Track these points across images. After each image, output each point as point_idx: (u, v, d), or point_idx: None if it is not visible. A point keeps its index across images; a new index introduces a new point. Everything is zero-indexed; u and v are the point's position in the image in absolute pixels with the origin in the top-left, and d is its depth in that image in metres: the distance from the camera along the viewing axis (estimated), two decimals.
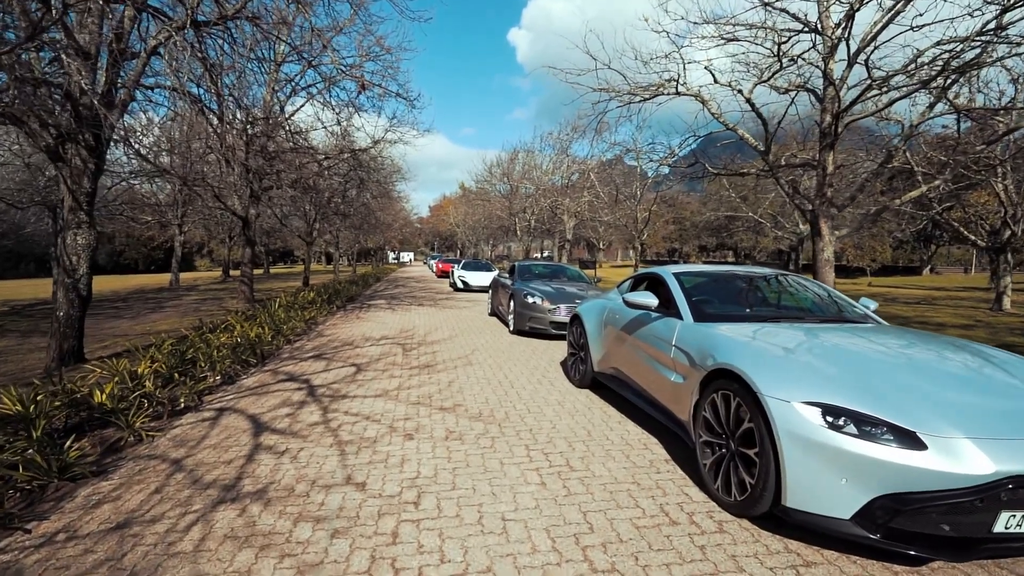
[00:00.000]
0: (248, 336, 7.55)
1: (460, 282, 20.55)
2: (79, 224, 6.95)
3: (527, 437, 3.88)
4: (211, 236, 39.81)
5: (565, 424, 4.19)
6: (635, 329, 4.11)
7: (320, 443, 3.79)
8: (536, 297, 8.63)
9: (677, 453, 3.57)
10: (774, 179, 10.99)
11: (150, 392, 4.90)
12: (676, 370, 3.42)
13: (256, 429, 4.13)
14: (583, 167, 25.80)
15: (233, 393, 5.34)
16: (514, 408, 4.63)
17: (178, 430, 4.22)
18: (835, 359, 2.68)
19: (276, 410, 4.63)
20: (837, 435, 2.23)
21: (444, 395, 5.10)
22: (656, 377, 3.68)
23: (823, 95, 9.94)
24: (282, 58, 14.29)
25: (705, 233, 50.72)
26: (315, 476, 3.21)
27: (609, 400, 4.93)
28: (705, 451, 2.97)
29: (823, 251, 10.02)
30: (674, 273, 4.17)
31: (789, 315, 3.73)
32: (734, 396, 2.70)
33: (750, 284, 4.27)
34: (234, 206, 15.18)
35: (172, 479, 3.22)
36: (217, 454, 3.62)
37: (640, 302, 3.82)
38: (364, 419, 4.35)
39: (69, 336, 6.90)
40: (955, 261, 60.00)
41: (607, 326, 4.77)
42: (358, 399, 4.95)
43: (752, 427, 2.53)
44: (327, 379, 5.75)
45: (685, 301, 3.72)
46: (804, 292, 4.19)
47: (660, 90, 11.72)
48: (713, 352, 2.97)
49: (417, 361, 6.73)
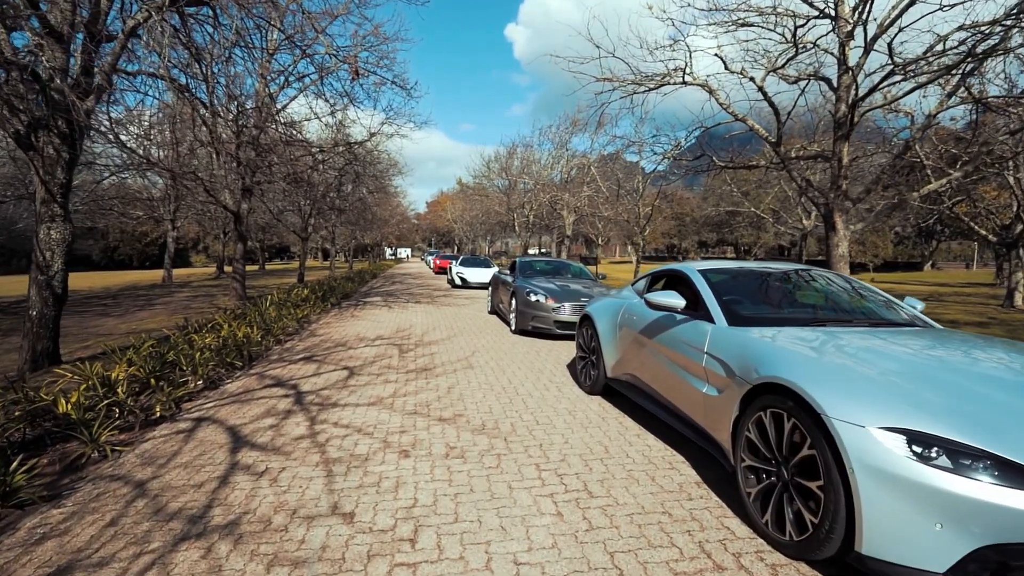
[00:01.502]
0: (236, 336, 7.13)
1: (458, 279, 20.12)
2: (53, 217, 6.50)
3: (537, 454, 3.47)
4: (206, 231, 39.30)
5: (578, 438, 3.78)
6: (657, 333, 3.69)
7: (305, 461, 3.37)
8: (539, 295, 8.20)
9: (709, 474, 3.16)
10: (786, 172, 10.57)
11: (122, 400, 4.47)
12: (709, 381, 3.01)
13: (235, 444, 3.71)
14: (583, 161, 25.32)
15: (215, 400, 4.91)
16: (521, 419, 4.21)
17: (149, 444, 3.80)
18: (909, 372, 2.26)
19: (259, 421, 4.21)
20: (927, 469, 1.82)
21: (443, 403, 4.68)
22: (683, 387, 3.27)
23: (838, 83, 9.51)
24: (274, 47, 13.80)
25: (705, 229, 50.38)
26: (296, 504, 2.79)
27: (624, 409, 4.52)
28: (749, 477, 2.56)
29: (838, 246, 9.61)
30: (700, 270, 3.75)
31: (834, 318, 3.30)
32: (788, 416, 2.28)
33: (782, 281, 3.85)
34: (225, 200, 14.70)
35: (132, 507, 2.80)
36: (188, 475, 3.20)
37: (665, 303, 3.40)
38: (355, 432, 3.93)
39: (43, 337, 6.45)
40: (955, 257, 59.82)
41: (622, 328, 4.36)
42: (349, 408, 4.52)
43: (813, 455, 2.12)
44: (317, 384, 5.33)
45: (716, 302, 3.30)
46: (841, 290, 3.77)
47: (666, 79, 11.29)
48: (758, 362, 2.56)
49: (414, 364, 6.31)
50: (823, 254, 10.77)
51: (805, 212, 26.08)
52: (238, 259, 14.10)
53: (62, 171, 6.42)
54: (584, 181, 25.65)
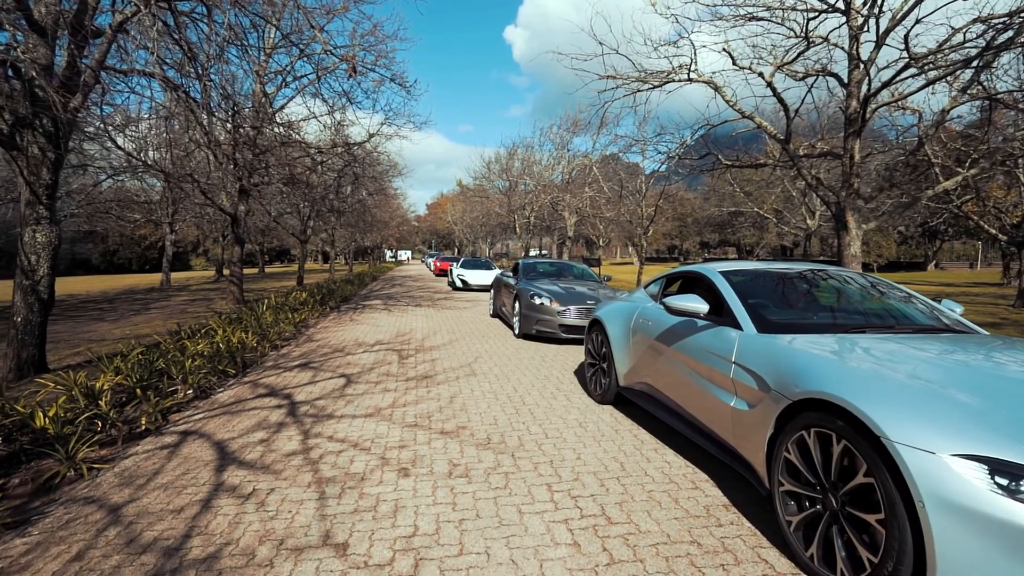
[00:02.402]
0: (230, 342, 6.87)
1: (459, 281, 19.85)
2: (38, 220, 6.26)
3: (548, 473, 3.20)
4: (205, 235, 39.04)
5: (591, 453, 3.51)
6: (676, 340, 3.42)
7: (296, 482, 3.10)
8: (544, 298, 7.93)
9: (737, 496, 2.89)
10: (795, 170, 10.31)
11: (104, 413, 4.21)
12: (737, 394, 2.74)
13: (221, 461, 3.44)
14: (585, 162, 25.06)
15: (204, 411, 4.65)
16: (528, 432, 3.94)
17: (130, 461, 3.53)
18: (978, 388, 1.98)
19: (249, 434, 3.94)
20: (1016, 505, 1.55)
21: (445, 414, 4.41)
22: (707, 400, 3.00)
23: (848, 79, 9.26)
24: (272, 47, 13.59)
25: (707, 229, 50.14)
26: (284, 533, 2.52)
27: (638, 420, 4.24)
28: (788, 504, 2.29)
29: (849, 246, 9.34)
30: (721, 272, 3.48)
31: (873, 323, 3.03)
32: (838, 437, 2.01)
33: (809, 283, 3.58)
34: (222, 203, 14.45)
35: (103, 537, 2.53)
36: (168, 498, 2.93)
37: (687, 307, 3.13)
38: (351, 447, 3.66)
39: (28, 344, 6.20)
40: (958, 257, 59.51)
41: (636, 334, 4.09)
42: (345, 420, 4.26)
43: (871, 483, 1.85)
44: (312, 394, 5.06)
45: (742, 307, 3.03)
46: (873, 292, 3.50)
47: (671, 76, 11.05)
48: (798, 375, 2.29)
49: (414, 371, 6.04)
50: (824, 254, 10.47)
51: (809, 212, 25.79)
52: (235, 262, 13.85)
53: (48, 172, 6.17)
54: (586, 182, 25.39)
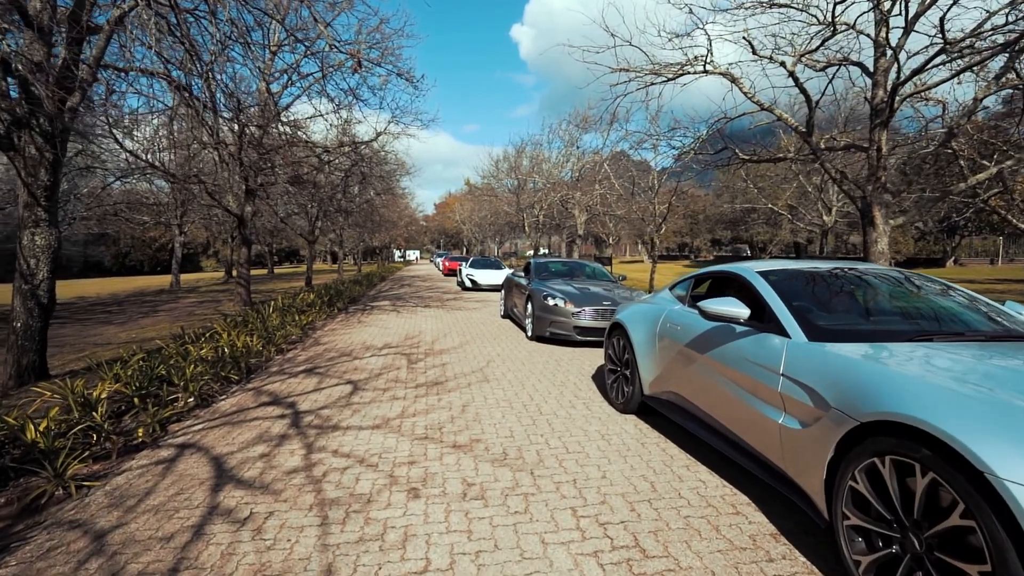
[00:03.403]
0: (234, 347, 6.66)
1: (468, 281, 19.60)
2: (37, 222, 6.07)
3: (571, 494, 2.91)
4: (215, 236, 39.18)
5: (617, 471, 3.22)
6: (711, 347, 3.12)
7: (296, 504, 2.85)
8: (557, 299, 7.64)
9: (786, 523, 2.59)
10: (818, 164, 9.92)
11: (99, 424, 3.99)
12: (786, 410, 2.43)
13: (218, 479, 3.20)
14: (596, 159, 24.70)
15: (204, 421, 4.42)
16: (547, 445, 3.66)
17: (122, 478, 3.30)
18: None
19: (249, 448, 3.70)
20: None
21: (457, 425, 4.14)
22: (749, 415, 2.70)
23: (874, 67, 8.86)
24: (277, 45, 13.41)
25: (720, 226, 49.50)
26: (281, 567, 2.26)
27: (665, 432, 3.95)
28: (855, 541, 1.99)
29: (877, 242, 8.95)
30: (759, 272, 3.17)
31: (940, 329, 2.70)
32: (923, 469, 1.71)
33: (855, 283, 3.25)
34: (228, 204, 14.31)
35: (84, 570, 2.29)
36: (158, 522, 2.69)
37: (725, 312, 2.83)
38: (357, 463, 3.40)
39: (28, 350, 6.02)
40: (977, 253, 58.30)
41: (663, 339, 3.79)
42: (351, 432, 4.00)
43: (971, 527, 1.55)
44: (317, 402, 4.81)
45: (788, 311, 2.72)
46: (929, 293, 3.15)
47: (685, 69, 10.70)
48: (866, 392, 1.98)
49: (424, 377, 5.78)
50: (839, 251, 10.05)
51: (825, 208, 25.23)
52: (242, 264, 13.70)
53: (46, 173, 5.98)
54: (596, 179, 25.02)
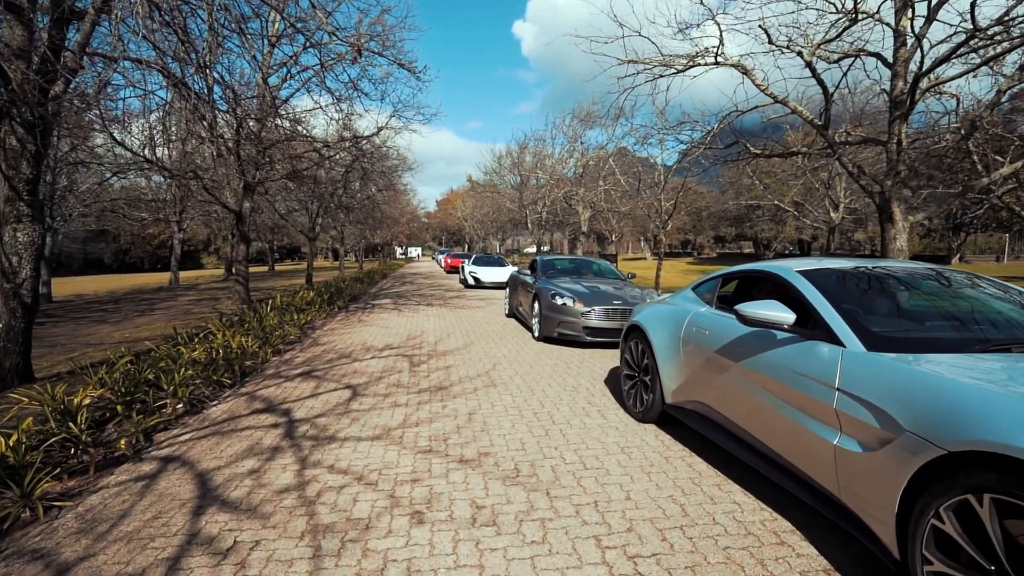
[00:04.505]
0: (229, 348, 6.37)
1: (471, 278, 19.29)
2: (19, 218, 5.77)
3: (594, 519, 2.61)
4: (216, 233, 38.91)
5: (642, 491, 2.91)
6: (747, 354, 2.81)
7: (286, 531, 2.55)
8: (566, 298, 7.32)
9: (840, 556, 2.28)
10: (836, 158, 9.58)
11: (77, 435, 3.70)
12: (843, 430, 2.13)
13: (201, 500, 2.90)
14: (601, 154, 24.34)
15: (193, 430, 4.13)
16: (563, 460, 3.36)
17: (96, 498, 3.01)
18: None
19: (238, 463, 3.40)
20: None
21: (464, 436, 3.83)
22: (794, 433, 2.39)
23: (894, 58, 8.52)
24: (276, 35, 13.08)
25: (723, 223, 49.15)
26: None
27: (689, 443, 3.64)
28: None
29: (895, 239, 8.63)
30: (800, 271, 2.85)
31: (1020, 337, 2.38)
32: None
33: (909, 285, 2.94)
34: (226, 200, 14.02)
35: None
36: (129, 553, 2.39)
37: (768, 317, 2.51)
38: (354, 480, 3.10)
39: (11, 352, 5.74)
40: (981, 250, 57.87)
41: (688, 344, 3.48)
42: (349, 444, 3.70)
43: None
44: (313, 409, 4.52)
45: (839, 316, 2.41)
46: (991, 294, 2.82)
47: (696, 60, 10.38)
48: (955, 415, 1.67)
49: (427, 381, 5.47)
50: (843, 248, 9.70)
51: (832, 204, 24.87)
52: (241, 261, 13.40)
53: (28, 165, 5.69)
54: (601, 175, 24.67)
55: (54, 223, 17.34)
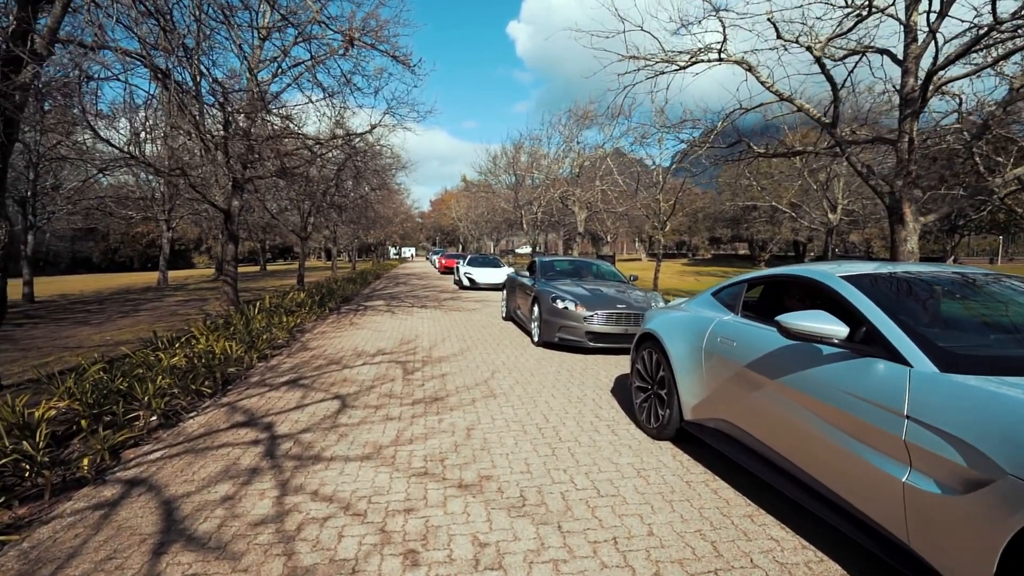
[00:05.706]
0: (212, 352, 6.00)
1: (466, 279, 18.93)
2: None
3: (614, 561, 2.27)
4: (206, 232, 38.29)
5: (665, 523, 2.58)
6: (787, 371, 2.49)
7: (260, 575, 2.20)
8: (567, 301, 6.99)
9: None
10: (845, 157, 9.33)
11: (32, 454, 3.33)
12: (914, 465, 1.81)
13: (165, 535, 2.54)
14: (599, 153, 24.03)
15: (165, 446, 3.76)
16: (574, 485, 3.02)
17: (47, 530, 2.64)
18: None
19: (212, 488, 3.04)
20: None
21: (463, 455, 3.49)
22: (848, 464, 2.07)
23: (904, 54, 8.27)
24: (266, 27, 12.67)
25: (719, 224, 49.07)
26: None
27: (710, 464, 3.31)
28: None
29: (906, 241, 8.38)
30: (845, 276, 2.53)
31: None
32: None
33: (967, 293, 2.62)
34: (214, 198, 13.60)
35: None
36: None
37: (817, 330, 2.19)
38: (341, 510, 2.75)
39: None
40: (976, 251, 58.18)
41: (711, 355, 3.15)
42: (336, 464, 3.35)
43: None
44: (298, 423, 4.16)
45: (902, 331, 2.09)
46: None
47: (699, 56, 10.11)
48: None
49: (422, 391, 5.12)
50: (838, 249, 9.43)
51: (830, 206, 24.71)
52: (229, 261, 12.97)
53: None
54: (597, 175, 24.37)
55: (36, 220, 16.81)
